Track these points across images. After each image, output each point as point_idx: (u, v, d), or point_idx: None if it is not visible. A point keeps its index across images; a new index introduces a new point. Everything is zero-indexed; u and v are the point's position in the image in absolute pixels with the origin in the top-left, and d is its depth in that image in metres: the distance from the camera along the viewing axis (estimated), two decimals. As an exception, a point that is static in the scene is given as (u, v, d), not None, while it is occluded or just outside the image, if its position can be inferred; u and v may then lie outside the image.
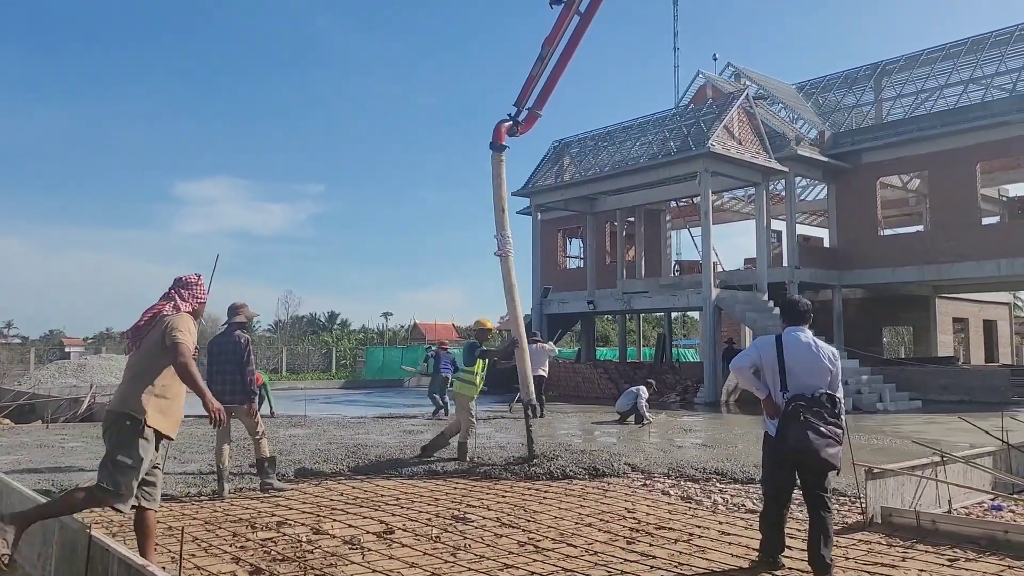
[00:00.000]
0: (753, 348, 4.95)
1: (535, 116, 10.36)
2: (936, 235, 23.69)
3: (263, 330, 68.12)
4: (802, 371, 4.72)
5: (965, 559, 5.14)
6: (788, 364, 4.73)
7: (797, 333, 4.88)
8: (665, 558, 5.21)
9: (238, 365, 7.87)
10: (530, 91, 10.28)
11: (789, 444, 4.57)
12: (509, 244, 9.77)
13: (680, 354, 40.36)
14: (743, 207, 32.20)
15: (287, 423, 14.95)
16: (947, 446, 8.32)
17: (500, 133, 10.04)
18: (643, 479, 8.38)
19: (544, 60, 10.19)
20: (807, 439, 4.51)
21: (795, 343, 4.81)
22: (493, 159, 9.99)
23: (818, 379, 4.71)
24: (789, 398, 4.65)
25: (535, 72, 10.25)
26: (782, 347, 4.78)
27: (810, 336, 4.90)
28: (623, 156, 25.08)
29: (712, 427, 14.96)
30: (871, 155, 24.92)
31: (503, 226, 9.76)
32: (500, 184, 9.89)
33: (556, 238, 32.65)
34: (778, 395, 4.75)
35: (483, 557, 5.25)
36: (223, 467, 7.55)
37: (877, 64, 28.63)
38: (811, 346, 4.80)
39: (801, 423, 4.54)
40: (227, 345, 8.01)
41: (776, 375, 4.76)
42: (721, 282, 23.80)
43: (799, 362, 4.75)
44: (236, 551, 5.38)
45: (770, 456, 4.87)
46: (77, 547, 4.11)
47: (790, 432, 4.57)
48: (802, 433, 4.51)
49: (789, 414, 4.59)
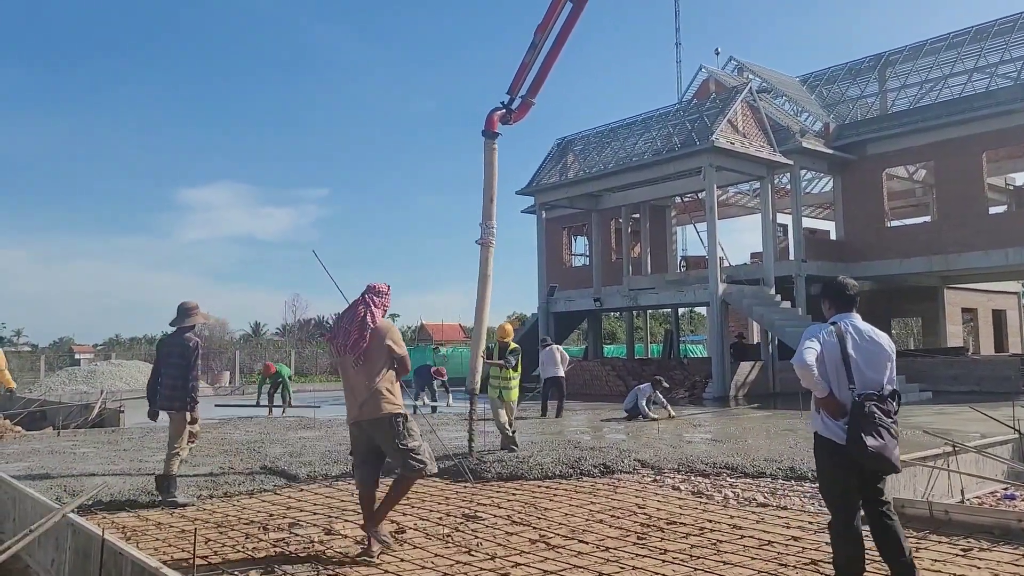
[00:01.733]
0: (812, 339, 4.22)
1: (528, 104, 10.28)
2: (943, 225, 23.59)
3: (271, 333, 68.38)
4: (865, 364, 4.20)
5: (979, 549, 5.12)
6: (853, 356, 4.20)
7: (854, 321, 4.34)
8: (677, 553, 5.21)
9: (183, 370, 7.44)
10: (523, 79, 10.19)
11: (867, 447, 4.00)
12: (493, 234, 9.71)
13: (688, 350, 40.31)
14: (748, 201, 32.13)
15: (297, 425, 14.99)
16: (958, 436, 8.29)
17: (493, 121, 9.97)
18: (653, 475, 8.37)
19: (537, 48, 10.09)
20: (884, 441, 4.04)
21: (856, 332, 4.28)
22: (485, 147, 9.91)
23: (881, 372, 4.23)
24: (860, 395, 4.11)
25: (528, 60, 10.16)
26: (843, 337, 4.24)
27: (865, 323, 4.39)
28: (627, 152, 25.06)
29: (721, 422, 14.94)
30: (876, 146, 24.83)
31: (490, 215, 9.70)
32: (492, 173, 9.81)
33: (561, 236, 32.63)
34: (844, 392, 4.15)
35: (495, 555, 5.25)
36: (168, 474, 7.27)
37: (881, 55, 28.51)
38: (871, 335, 4.29)
39: (876, 423, 4.06)
40: (175, 347, 7.54)
41: (840, 369, 4.18)
42: (727, 277, 23.75)
43: (862, 353, 4.22)
44: (249, 552, 5.40)
45: (836, 461, 4.20)
46: (91, 552, 4.13)
47: (866, 433, 4.02)
48: (879, 434, 4.03)
49: (864, 414, 4.06)
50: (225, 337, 60.48)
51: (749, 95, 23.71)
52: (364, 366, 5.28)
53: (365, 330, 5.30)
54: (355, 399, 5.33)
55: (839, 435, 4.13)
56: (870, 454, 4.00)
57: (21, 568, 5.29)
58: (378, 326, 5.36)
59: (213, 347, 46.84)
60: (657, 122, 25.09)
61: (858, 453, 4.03)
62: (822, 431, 4.22)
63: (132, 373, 33.16)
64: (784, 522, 6.06)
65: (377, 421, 5.26)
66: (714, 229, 22.57)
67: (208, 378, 36.84)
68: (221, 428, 14.72)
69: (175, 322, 7.64)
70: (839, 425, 4.13)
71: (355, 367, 5.30)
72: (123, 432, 14.30)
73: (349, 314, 5.42)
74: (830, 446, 4.18)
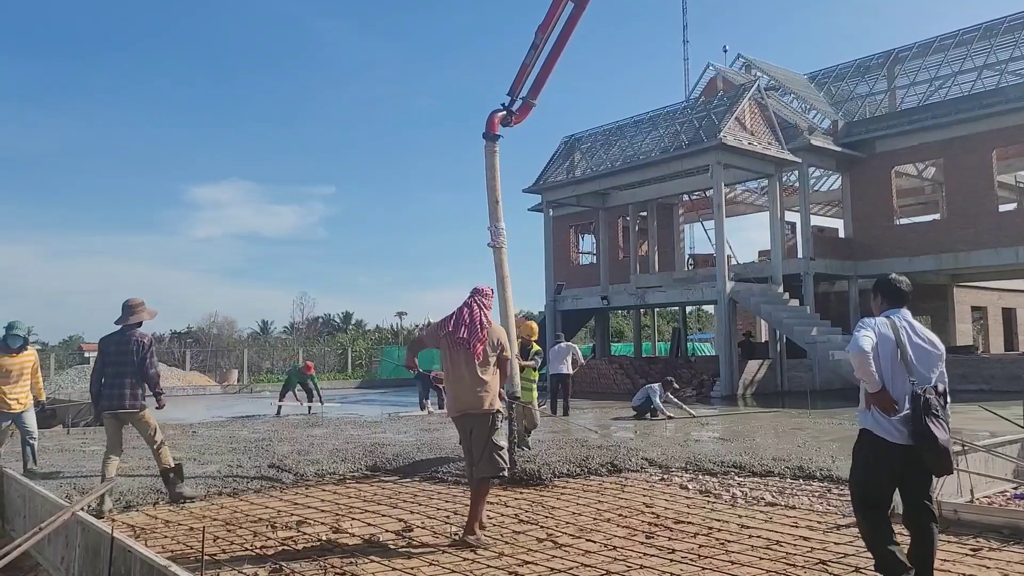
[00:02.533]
0: (869, 329, 4.04)
1: (529, 106, 10.14)
2: (952, 223, 23.49)
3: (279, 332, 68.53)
4: (918, 360, 4.06)
5: (988, 548, 5.09)
6: (908, 351, 4.05)
7: (907, 316, 4.21)
8: (685, 552, 5.20)
9: (137, 368, 7.24)
10: (523, 80, 10.06)
11: (939, 440, 3.84)
12: (502, 235, 9.57)
13: (695, 348, 40.24)
14: (756, 199, 32.05)
15: (305, 423, 15.02)
16: (968, 435, 8.25)
17: (493, 123, 9.84)
18: (661, 473, 8.36)
19: (538, 48, 9.96)
20: (948, 435, 3.89)
21: (911, 328, 4.14)
22: (486, 149, 9.79)
23: (931, 371, 4.08)
24: (919, 389, 3.96)
25: (528, 61, 10.02)
26: (898, 331, 4.09)
27: (916, 321, 4.26)
28: (634, 151, 25.02)
29: (729, 420, 14.91)
30: (885, 144, 24.73)
31: (497, 217, 9.58)
32: (494, 175, 9.70)
33: (568, 235, 32.61)
34: (897, 387, 3.99)
35: (502, 554, 5.25)
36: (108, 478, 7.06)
37: (889, 52, 28.39)
38: (924, 333, 4.17)
39: (938, 416, 3.92)
40: (124, 345, 7.28)
41: (896, 363, 4.02)
42: (735, 275, 23.70)
43: (916, 350, 4.08)
44: (257, 551, 5.41)
45: (882, 460, 4.04)
46: (100, 549, 4.15)
47: (927, 431, 3.87)
48: (940, 432, 3.88)
49: (928, 406, 3.90)
50: (233, 335, 60.69)
51: (757, 92, 23.65)
52: (476, 363, 5.58)
53: (483, 330, 5.65)
54: (462, 393, 5.61)
55: (892, 433, 3.96)
56: (941, 447, 3.85)
57: (31, 565, 5.32)
58: (492, 327, 5.76)
59: (221, 346, 47.01)
60: (664, 120, 25.04)
61: (928, 446, 3.86)
62: (874, 428, 4.04)
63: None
64: (793, 522, 6.04)
65: (481, 416, 5.57)
66: (722, 227, 22.53)
67: (217, 376, 36.97)
68: (229, 426, 14.77)
69: (120, 320, 7.42)
70: (893, 423, 3.97)
71: (466, 363, 5.58)
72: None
73: (462, 313, 5.71)
74: (881, 443, 4.01)
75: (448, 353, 5.67)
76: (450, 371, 5.65)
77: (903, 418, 3.96)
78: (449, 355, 5.66)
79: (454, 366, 5.62)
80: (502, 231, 9.59)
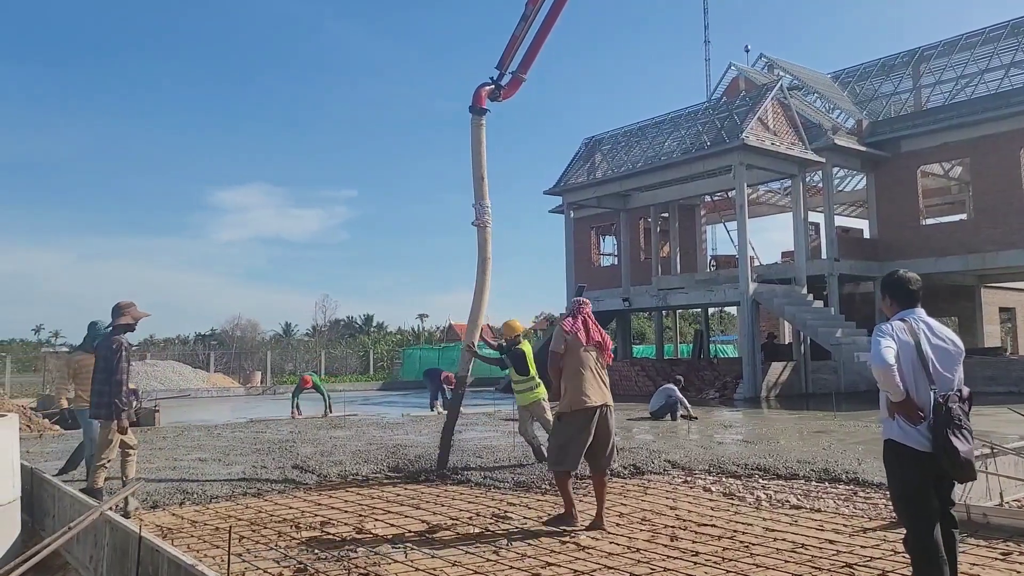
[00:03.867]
0: (886, 336, 3.84)
1: (519, 80, 9.86)
2: (980, 223, 23.17)
3: (301, 334, 69.03)
4: (940, 363, 3.87)
5: (1018, 552, 5.01)
6: (929, 355, 3.85)
7: (923, 317, 4.02)
8: (709, 555, 5.17)
9: (108, 374, 6.99)
10: (512, 53, 9.76)
11: (960, 453, 3.70)
12: (487, 214, 9.32)
13: (718, 350, 39.99)
14: (779, 200, 31.79)
15: (328, 425, 15.12)
16: (997, 438, 8.12)
17: (481, 97, 9.56)
18: (684, 476, 8.31)
19: (528, 20, 9.67)
20: (970, 445, 3.74)
21: (929, 329, 3.94)
22: (472, 123, 9.50)
23: (953, 372, 3.90)
24: (943, 396, 3.78)
25: (518, 33, 9.71)
26: (917, 334, 3.90)
27: (933, 320, 4.08)
28: (656, 152, 24.92)
29: (753, 423, 14.79)
30: (911, 143, 24.44)
31: (482, 195, 9.32)
32: (480, 150, 9.44)
33: (589, 236, 32.54)
34: (921, 394, 3.81)
35: (524, 555, 5.25)
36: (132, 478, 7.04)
37: (915, 50, 28.07)
38: (943, 332, 3.99)
39: (961, 425, 3.75)
40: (103, 351, 7.17)
41: (918, 369, 3.84)
42: (758, 276, 23.53)
43: (937, 352, 3.88)
44: (282, 551, 5.45)
45: (916, 470, 3.83)
46: (128, 549, 4.20)
47: (955, 437, 3.72)
48: (965, 438, 3.74)
49: (950, 416, 3.74)
50: (256, 338, 61.24)
51: (780, 92, 23.48)
52: (604, 363, 6.36)
53: (606, 336, 6.50)
54: (601, 388, 6.26)
55: (921, 442, 3.79)
56: (962, 460, 3.70)
57: (61, 564, 5.40)
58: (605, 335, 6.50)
59: (245, 348, 47.47)
60: (686, 121, 24.92)
61: (949, 459, 3.71)
62: (900, 438, 3.85)
63: (167, 373, 33.70)
64: (818, 525, 5.98)
65: (612, 409, 6.31)
66: (744, 228, 22.37)
67: (240, 378, 37.31)
68: (253, 427, 14.90)
69: (109, 323, 7.36)
70: (920, 431, 3.79)
71: (599, 363, 6.31)
72: (158, 431, 14.53)
73: (588, 322, 6.38)
74: (910, 453, 3.82)
75: (581, 355, 6.23)
76: (580, 371, 6.18)
77: (928, 425, 3.80)
78: (581, 356, 6.22)
79: (586, 363, 6.22)
80: (487, 209, 9.32)
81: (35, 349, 59.17)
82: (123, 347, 7.10)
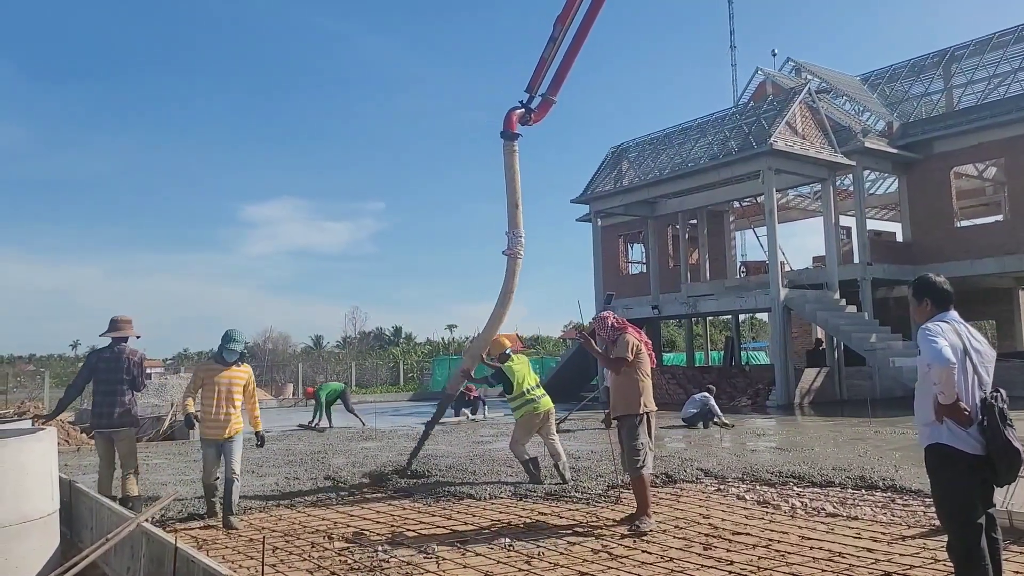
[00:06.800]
0: (940, 337, 3.77)
1: (549, 103, 9.63)
2: (1016, 224, 22.70)
3: (332, 346, 69.50)
4: (980, 364, 3.85)
5: (1065, 561, 4.89)
6: (974, 356, 3.84)
7: (957, 318, 3.99)
8: (744, 564, 5.10)
9: (127, 384, 7.14)
10: (542, 75, 9.58)
11: (1019, 451, 3.65)
12: (521, 245, 8.99)
13: (749, 357, 39.57)
14: (809, 204, 31.44)
15: (359, 436, 15.19)
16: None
17: (512, 121, 9.35)
18: (716, 484, 8.22)
19: (556, 41, 9.49)
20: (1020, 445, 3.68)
21: (968, 331, 3.94)
22: (505, 149, 9.28)
23: (990, 374, 3.87)
24: (992, 398, 3.75)
25: (547, 55, 9.53)
26: (961, 335, 3.88)
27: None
28: (683, 158, 24.79)
29: (786, 430, 14.61)
30: (943, 144, 24.05)
31: (516, 223, 9.00)
32: (513, 176, 9.19)
33: (617, 244, 32.42)
34: (969, 396, 3.76)
35: (557, 565, 5.23)
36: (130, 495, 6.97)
37: (945, 51, 27.64)
38: (977, 334, 3.98)
39: (1010, 424, 3.70)
40: (115, 363, 7.19)
41: (966, 371, 3.79)
42: (789, 282, 23.27)
43: (978, 354, 3.86)
44: (315, 561, 5.48)
45: (964, 474, 3.75)
46: (164, 559, 4.25)
47: (1008, 443, 3.65)
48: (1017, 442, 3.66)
49: (1002, 415, 3.70)
50: (288, 350, 61.77)
51: (808, 96, 23.25)
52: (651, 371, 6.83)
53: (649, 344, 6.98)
54: (651, 394, 6.73)
55: (972, 445, 3.70)
56: (1009, 462, 3.65)
57: (99, 575, 5.47)
58: None
59: (276, 360, 47.94)
60: (713, 126, 24.77)
61: (1007, 459, 3.65)
62: (950, 441, 3.74)
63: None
64: (855, 533, 5.88)
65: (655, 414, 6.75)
66: (774, 233, 22.14)
67: (272, 390, 37.66)
68: (286, 440, 15.01)
69: (106, 333, 7.38)
70: (970, 433, 3.70)
71: (650, 370, 6.80)
72: (193, 444, 14.68)
73: (639, 335, 6.87)
74: (960, 457, 3.73)
75: (641, 364, 6.70)
76: (647, 378, 6.71)
77: (979, 427, 3.72)
78: (641, 361, 6.70)
79: (645, 369, 6.73)
80: (520, 239, 9.00)
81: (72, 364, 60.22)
82: (144, 359, 7.42)
